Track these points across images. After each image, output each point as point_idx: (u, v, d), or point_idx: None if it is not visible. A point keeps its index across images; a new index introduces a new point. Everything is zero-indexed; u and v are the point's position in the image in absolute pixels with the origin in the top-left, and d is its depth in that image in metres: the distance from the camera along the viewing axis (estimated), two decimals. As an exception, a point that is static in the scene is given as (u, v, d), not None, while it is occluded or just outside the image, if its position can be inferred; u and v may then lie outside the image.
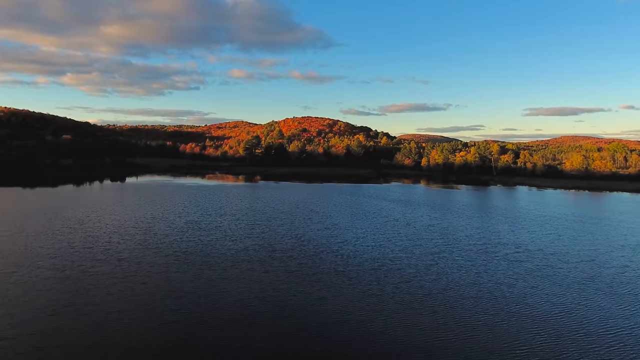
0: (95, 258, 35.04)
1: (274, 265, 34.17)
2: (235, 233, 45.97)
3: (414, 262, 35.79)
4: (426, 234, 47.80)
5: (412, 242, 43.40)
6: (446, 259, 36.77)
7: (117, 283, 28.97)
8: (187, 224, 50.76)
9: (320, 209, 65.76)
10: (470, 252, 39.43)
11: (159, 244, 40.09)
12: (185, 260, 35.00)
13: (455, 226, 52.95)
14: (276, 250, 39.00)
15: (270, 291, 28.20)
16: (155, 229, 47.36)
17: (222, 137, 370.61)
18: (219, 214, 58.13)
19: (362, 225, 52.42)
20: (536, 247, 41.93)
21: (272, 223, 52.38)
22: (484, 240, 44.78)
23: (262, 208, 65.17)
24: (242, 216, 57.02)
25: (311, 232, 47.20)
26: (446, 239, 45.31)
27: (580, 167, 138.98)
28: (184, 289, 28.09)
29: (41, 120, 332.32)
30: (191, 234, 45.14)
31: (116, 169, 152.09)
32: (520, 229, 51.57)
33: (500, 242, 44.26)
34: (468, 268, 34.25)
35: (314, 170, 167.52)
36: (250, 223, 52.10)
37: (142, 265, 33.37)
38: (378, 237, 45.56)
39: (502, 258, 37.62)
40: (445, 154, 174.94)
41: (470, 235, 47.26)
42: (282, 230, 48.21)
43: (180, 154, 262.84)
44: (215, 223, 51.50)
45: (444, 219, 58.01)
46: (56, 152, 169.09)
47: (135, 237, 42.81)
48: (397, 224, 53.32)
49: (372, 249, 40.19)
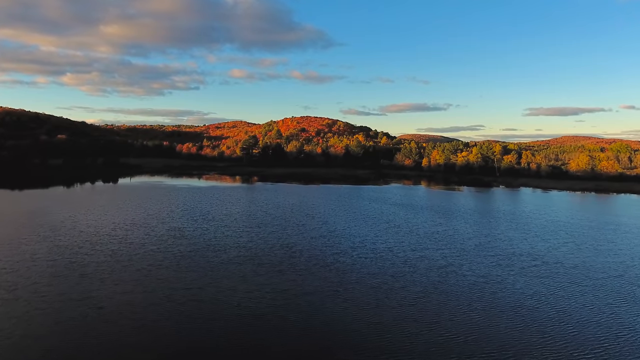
0: (54, 274, 30.62)
1: (258, 283, 29.75)
2: (219, 242, 41.56)
3: (419, 278, 31.40)
4: (431, 242, 43.42)
5: (415, 253, 39.02)
6: (455, 275, 32.40)
7: (69, 309, 24.51)
8: (169, 231, 46.35)
9: (316, 213, 61.38)
10: (482, 266, 35.07)
11: (131, 256, 35.68)
12: (157, 276, 30.59)
13: (461, 233, 48.59)
14: (263, 263, 34.59)
15: (250, 320, 23.80)
16: (132, 237, 42.93)
17: (220, 137, 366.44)
18: (206, 220, 53.71)
19: (361, 232, 48.05)
20: (554, 259, 37.56)
21: (262, 230, 47.99)
22: (496, 251, 40.41)
23: (253, 212, 60.77)
24: (231, 222, 52.62)
25: (304, 242, 42.80)
26: (453, 249, 40.93)
27: (586, 167, 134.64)
28: (148, 316, 23.68)
29: (36, 120, 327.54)
30: (171, 243, 40.73)
31: (108, 169, 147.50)
32: (533, 237, 47.20)
33: (514, 252, 39.88)
34: (481, 286, 29.87)
35: (312, 170, 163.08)
36: (238, 230, 47.71)
37: (106, 282, 28.93)
38: (378, 246, 41.18)
39: (519, 273, 33.24)
40: (447, 154, 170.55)
41: (480, 245, 42.89)
42: (272, 239, 43.81)
43: (177, 154, 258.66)
44: (199, 230, 47.08)
45: (449, 225, 53.65)
46: (47, 152, 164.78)
47: (108, 247, 38.39)
48: (399, 231, 48.95)
49: (371, 262, 35.80)
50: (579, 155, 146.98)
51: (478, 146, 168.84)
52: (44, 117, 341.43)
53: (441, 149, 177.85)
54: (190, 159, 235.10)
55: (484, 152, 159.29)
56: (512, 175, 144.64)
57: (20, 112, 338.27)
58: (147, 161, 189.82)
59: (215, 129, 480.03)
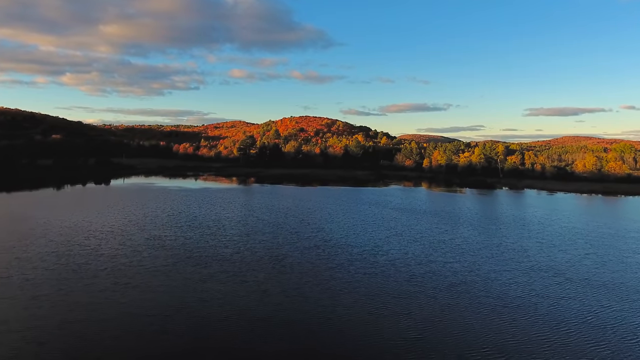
0: (3, 294, 26.23)
1: (237, 307, 25.35)
2: (202, 254, 37.16)
3: (426, 301, 26.99)
4: (437, 254, 39.01)
5: (421, 267, 34.62)
6: (469, 297, 27.98)
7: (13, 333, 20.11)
8: (148, 240, 41.94)
9: (311, 219, 56.99)
10: (497, 284, 30.68)
11: (98, 271, 31.29)
12: (121, 297, 26.18)
13: (470, 243, 44.21)
14: (247, 281, 30.20)
15: (224, 353, 19.43)
16: (105, 247, 38.53)
17: (218, 137, 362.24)
18: (191, 227, 49.31)
19: (359, 242, 43.67)
20: (579, 275, 33.16)
21: (251, 239, 43.59)
22: (511, 264, 36.00)
23: (244, 218, 56.38)
24: (218, 229, 48.22)
25: (296, 253, 38.40)
26: (463, 262, 36.53)
27: (593, 169, 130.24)
28: (104, 342, 19.29)
29: (31, 120, 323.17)
30: (146, 255, 36.33)
31: (100, 170, 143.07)
32: (549, 247, 42.81)
33: (532, 266, 35.48)
34: (499, 311, 25.47)
35: (310, 171, 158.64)
36: (225, 239, 43.31)
37: (57, 308, 24.52)
38: (378, 259, 36.78)
39: (542, 294, 28.81)
40: (448, 154, 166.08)
41: (493, 257, 38.50)
42: (260, 250, 39.41)
43: (173, 154, 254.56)
44: (181, 239, 42.67)
45: (456, 233, 49.29)
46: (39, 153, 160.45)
47: (75, 261, 33.98)
48: (401, 240, 44.55)
49: (370, 279, 31.41)
50: (585, 156, 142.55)
51: (480, 146, 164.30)
52: (39, 117, 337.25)
53: (443, 149, 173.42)
54: (187, 159, 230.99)
55: (486, 152, 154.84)
56: (516, 177, 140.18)
57: (16, 111, 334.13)
58: (141, 161, 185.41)
59: (213, 129, 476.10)
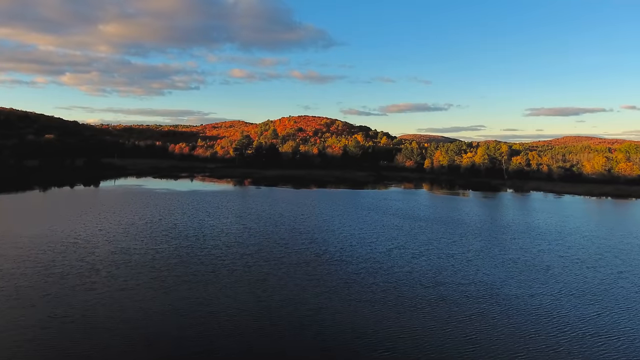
0: None
1: (197, 352, 19.82)
2: (169, 275, 31.60)
3: (436, 337, 21.46)
4: (448, 273, 33.44)
5: (429, 291, 29.04)
6: (489, 330, 22.45)
7: None
8: (112, 255, 36.38)
9: (303, 228, 51.47)
10: (524, 314, 25.12)
11: (33, 301, 25.74)
12: (52, 340, 20.68)
13: (484, 258, 38.68)
14: (218, 312, 24.67)
15: None
16: (59, 263, 32.97)
17: (216, 137, 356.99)
18: (167, 238, 43.74)
19: (357, 255, 38.14)
20: (619, 301, 27.60)
21: (231, 252, 38.03)
22: (537, 287, 30.40)
23: (227, 227, 50.82)
24: (195, 241, 42.64)
25: (280, 273, 32.85)
26: (478, 283, 30.95)
27: (602, 169, 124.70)
28: None
29: (25, 119, 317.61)
30: (105, 275, 30.75)
31: (88, 171, 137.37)
32: (576, 264, 37.27)
33: (561, 290, 29.89)
34: (529, 350, 19.94)
35: (307, 172, 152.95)
36: (201, 255, 37.72)
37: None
38: (378, 279, 31.24)
39: (581, 329, 23.27)
40: (451, 154, 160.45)
41: (512, 277, 32.94)
42: (240, 268, 33.86)
43: (169, 154, 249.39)
44: (150, 254, 37.08)
45: (466, 244, 43.79)
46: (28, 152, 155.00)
47: (18, 283, 28.45)
48: (404, 255, 39.01)
49: (369, 308, 25.87)
50: (592, 156, 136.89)
51: (485, 146, 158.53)
52: (33, 117, 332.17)
53: (445, 149, 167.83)
54: (182, 159, 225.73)
55: (490, 152, 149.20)
56: (521, 178, 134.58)
57: (9, 111, 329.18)
58: (133, 162, 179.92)
59: (212, 129, 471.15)
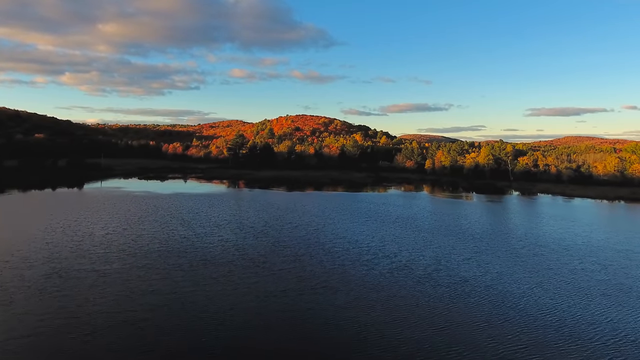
0: None
1: None
2: (122, 302, 24.57)
3: None
4: (462, 305, 26.44)
5: (439, 334, 22.08)
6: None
7: None
8: (49, 276, 29.36)
9: (291, 240, 44.46)
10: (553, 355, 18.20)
11: None
12: None
13: (506, 283, 31.66)
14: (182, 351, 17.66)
15: None
16: None
17: (212, 137, 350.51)
18: (132, 252, 36.65)
19: (353, 276, 31.12)
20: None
21: (206, 272, 30.96)
22: (578, 332, 23.43)
23: (205, 237, 43.77)
24: (160, 256, 35.53)
25: (253, 304, 25.84)
26: (504, 324, 23.98)
27: (615, 171, 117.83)
28: None
29: (15, 119, 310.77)
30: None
31: (70, 171, 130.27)
32: (621, 293, 30.29)
33: (618, 334, 22.97)
34: None
35: (303, 174, 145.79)
36: (163, 274, 30.68)
37: None
38: (376, 309, 24.24)
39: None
40: (453, 155, 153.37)
41: (544, 311, 25.84)
42: (215, 291, 26.84)
43: (162, 154, 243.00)
44: (92, 277, 30.08)
45: (482, 264, 36.78)
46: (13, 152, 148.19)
47: None
48: (409, 277, 32.03)
49: (366, 351, 18.87)
50: (606, 157, 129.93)
51: (489, 146, 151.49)
52: (25, 116, 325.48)
53: (446, 149, 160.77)
54: (175, 159, 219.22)
55: (495, 152, 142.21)
56: (528, 180, 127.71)
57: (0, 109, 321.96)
58: (122, 162, 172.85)
59: (209, 129, 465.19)
